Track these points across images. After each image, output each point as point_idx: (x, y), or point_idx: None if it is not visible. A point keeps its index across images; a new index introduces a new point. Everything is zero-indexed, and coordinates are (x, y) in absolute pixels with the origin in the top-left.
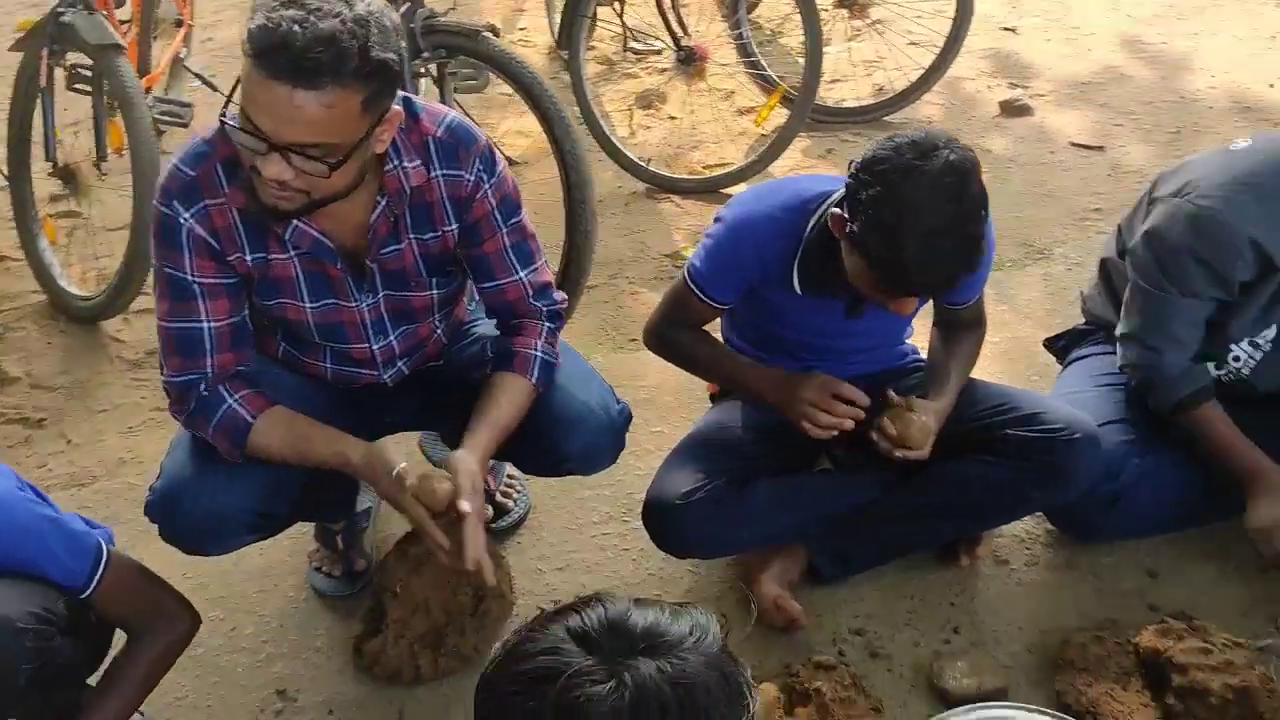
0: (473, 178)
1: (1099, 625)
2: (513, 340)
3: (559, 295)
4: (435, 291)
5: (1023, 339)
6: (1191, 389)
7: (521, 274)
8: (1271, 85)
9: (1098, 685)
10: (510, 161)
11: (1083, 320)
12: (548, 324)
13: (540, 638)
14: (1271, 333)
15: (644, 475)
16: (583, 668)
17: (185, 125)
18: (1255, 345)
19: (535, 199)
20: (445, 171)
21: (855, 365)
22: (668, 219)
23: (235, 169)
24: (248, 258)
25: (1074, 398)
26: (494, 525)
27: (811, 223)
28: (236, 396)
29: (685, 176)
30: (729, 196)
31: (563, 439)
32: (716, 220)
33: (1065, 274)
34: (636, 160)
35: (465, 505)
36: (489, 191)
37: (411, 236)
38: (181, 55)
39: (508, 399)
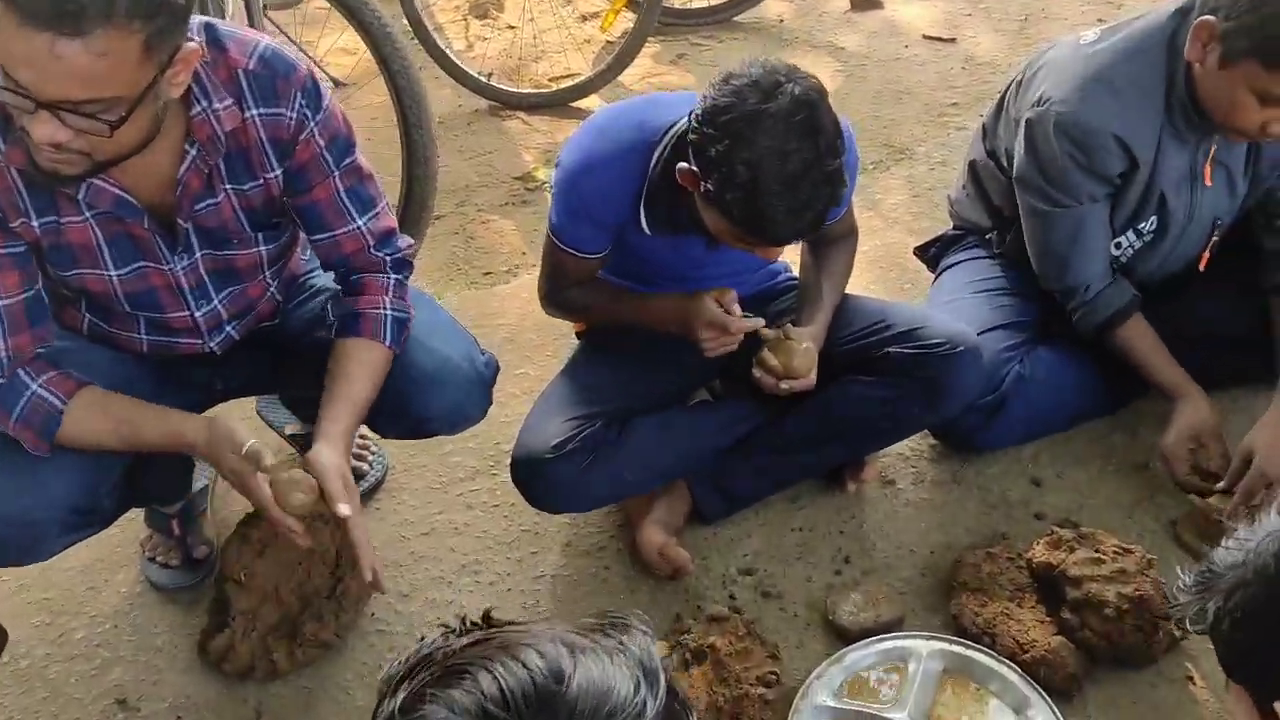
0: (295, 115)
1: (989, 541)
2: (357, 300)
3: (404, 241)
4: (263, 248)
5: (892, 245)
6: (1116, 306)
7: (360, 222)
8: None
9: (992, 604)
10: (335, 84)
11: (951, 225)
12: (394, 275)
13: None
14: (1149, 224)
15: (510, 423)
16: None
17: None
18: (1139, 234)
19: (366, 126)
20: (263, 110)
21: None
22: (515, 138)
23: (9, 123)
24: (34, 223)
25: (950, 306)
26: None
27: (654, 159)
28: (40, 381)
29: (530, 91)
30: (579, 111)
31: (423, 399)
32: (557, 166)
33: (929, 174)
34: (476, 75)
35: (344, 509)
36: (315, 130)
37: (229, 188)
38: None
39: (362, 371)
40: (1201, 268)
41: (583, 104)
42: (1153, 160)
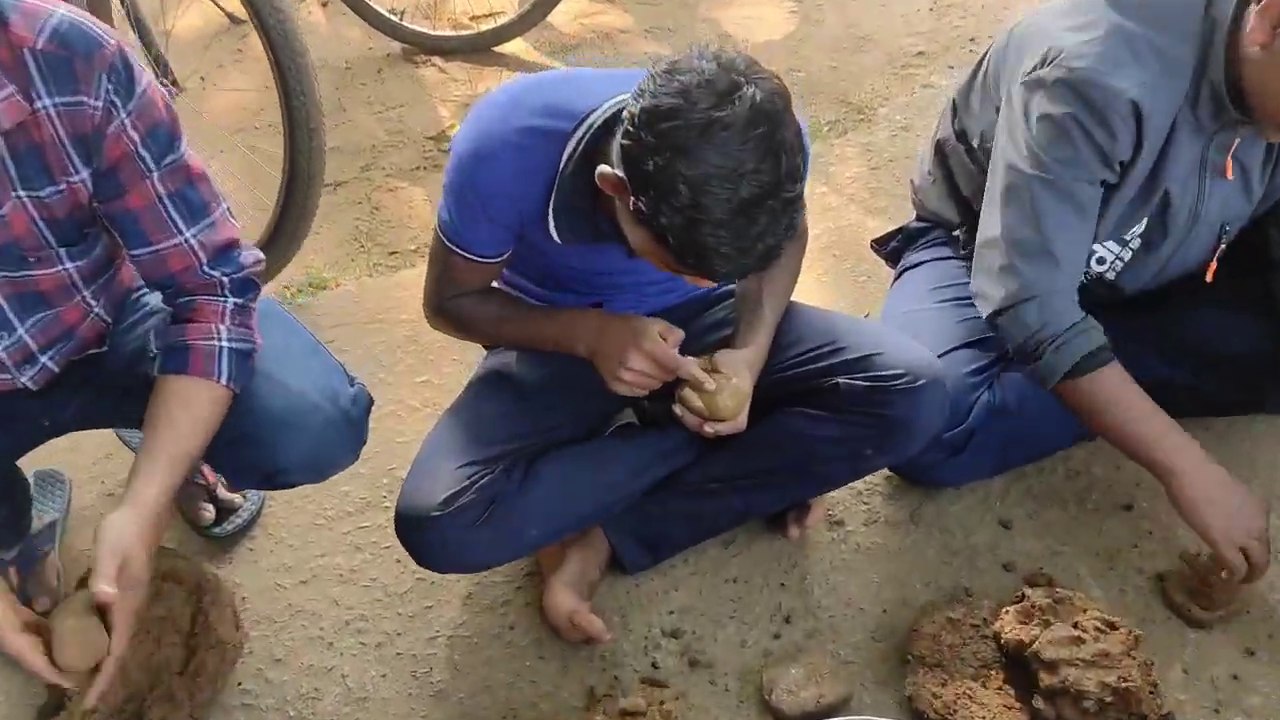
0: (100, 104)
1: (950, 596)
2: (186, 328)
3: (249, 255)
4: (68, 265)
5: (847, 229)
6: (1090, 346)
7: (187, 234)
8: None
9: (954, 684)
10: (232, 20)
11: (914, 215)
12: (234, 299)
13: None
14: (1140, 228)
15: (409, 444)
16: None
17: None
18: (1123, 243)
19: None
20: (59, 100)
21: (653, 298)
22: (430, 89)
23: None
24: None
25: (910, 318)
26: (216, 530)
27: (567, 153)
28: None
29: (449, 33)
30: (502, 58)
31: (273, 448)
32: (450, 149)
33: (890, 142)
34: (386, 14)
35: (104, 592)
36: (127, 121)
37: (22, 195)
38: None
39: (187, 417)
40: (1208, 278)
41: (507, 49)
42: (1159, 149)
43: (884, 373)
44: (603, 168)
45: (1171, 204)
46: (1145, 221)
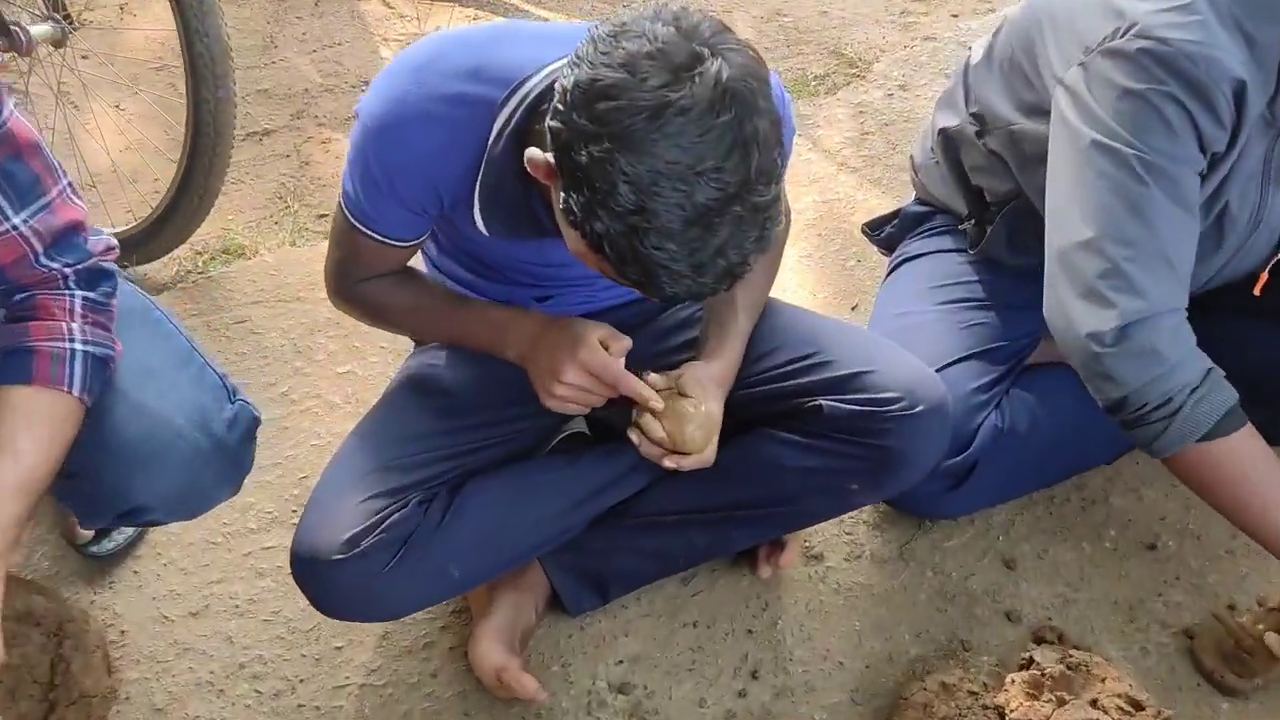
0: None
1: (944, 650)
2: (29, 328)
3: (99, 241)
4: None
5: (835, 204)
6: (1232, 400)
7: (16, 219)
8: None
9: None
10: None
11: (914, 196)
12: (83, 293)
13: None
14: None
15: (324, 447)
16: None
17: None
18: None
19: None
20: None
21: (607, 295)
22: (373, 26)
23: None
24: None
25: (906, 322)
26: (94, 549)
27: (497, 128)
28: None
29: None
30: None
31: (128, 483)
32: (357, 113)
33: (886, 103)
34: None
35: None
36: None
37: None
38: None
39: (30, 435)
40: (1257, 291)
41: None
42: (1241, 147)
43: (876, 395)
44: (533, 151)
45: (1229, 209)
46: (1214, 222)
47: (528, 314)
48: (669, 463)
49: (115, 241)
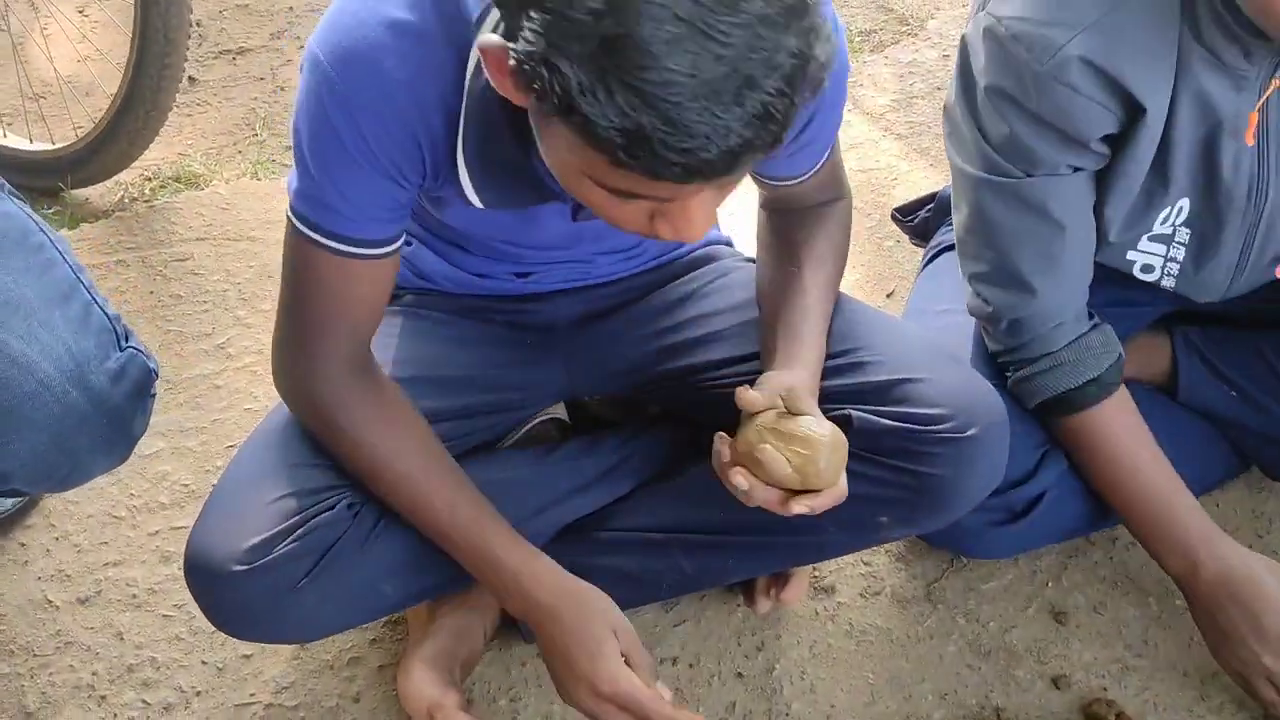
0: None
1: (976, 716)
2: None
3: None
4: None
5: (876, 174)
6: (1091, 372)
7: None
8: None
9: None
10: None
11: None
12: None
13: None
14: (1180, 215)
15: (257, 412)
16: None
17: None
18: (1167, 241)
19: None
20: None
21: (605, 266)
22: None
23: None
24: None
25: (945, 322)
26: None
27: (475, 59)
28: None
29: None
30: None
31: None
32: (305, 62)
33: (940, 64)
34: None
35: None
36: None
37: None
38: None
39: None
40: None
41: None
42: (1166, 107)
43: (920, 410)
44: (485, 37)
45: (1221, 177)
46: (1185, 206)
47: (540, 576)
48: (799, 507)
49: None
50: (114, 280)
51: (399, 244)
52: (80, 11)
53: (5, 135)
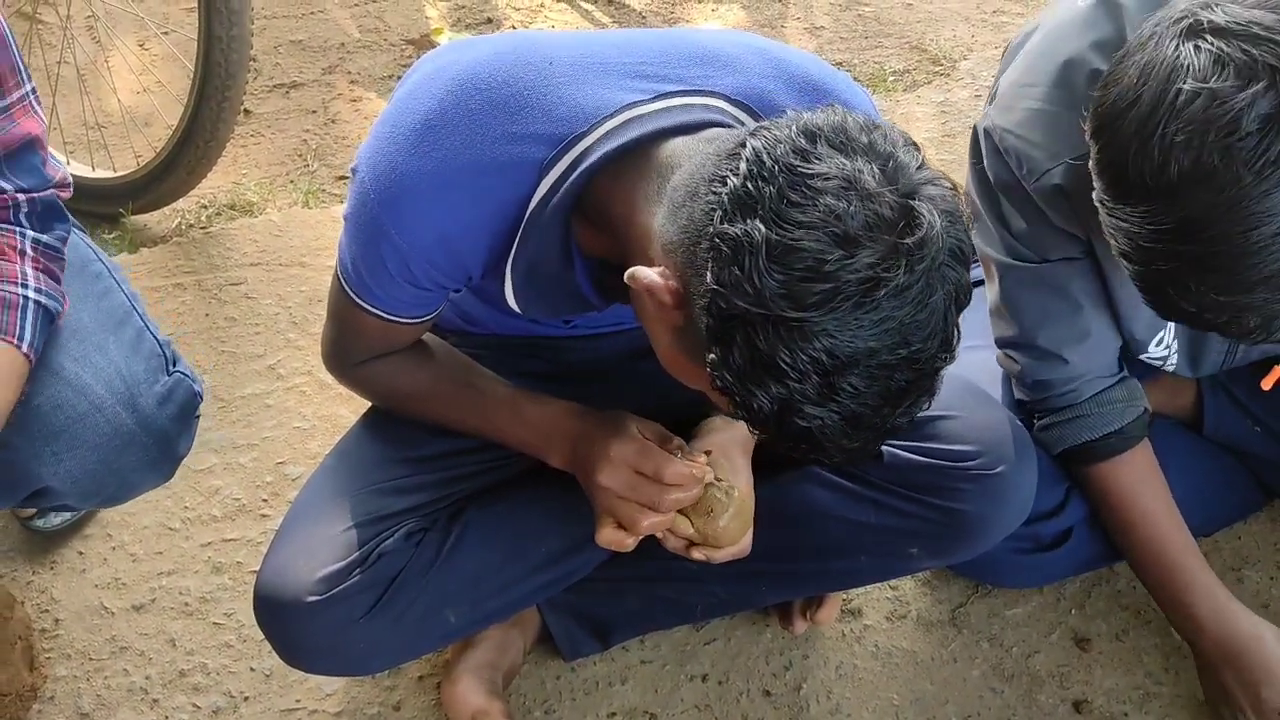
0: None
1: None
2: None
3: (55, 168)
4: None
5: None
6: (1113, 425)
7: None
8: None
9: None
10: None
11: None
12: (33, 233)
13: None
14: (1170, 332)
15: (306, 430)
16: None
17: None
18: (1161, 360)
19: None
20: None
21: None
22: None
23: None
24: None
25: (974, 359)
26: (39, 522)
27: (541, 193)
28: None
29: None
30: None
31: (35, 458)
32: (353, 172)
33: (971, 103)
34: None
35: None
36: None
37: None
38: None
39: None
40: (1265, 385)
41: None
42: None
43: (950, 446)
44: (639, 271)
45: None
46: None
47: (564, 412)
48: (698, 555)
49: (70, 176)
50: (171, 303)
51: (432, 315)
52: (141, 45)
53: (69, 162)
